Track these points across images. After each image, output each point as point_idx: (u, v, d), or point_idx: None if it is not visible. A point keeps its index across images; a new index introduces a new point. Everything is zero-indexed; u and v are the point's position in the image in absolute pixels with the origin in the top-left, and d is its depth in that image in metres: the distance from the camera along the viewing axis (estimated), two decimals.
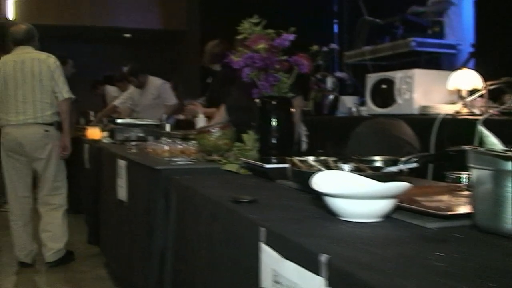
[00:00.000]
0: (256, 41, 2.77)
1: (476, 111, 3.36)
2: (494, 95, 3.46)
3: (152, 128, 4.79)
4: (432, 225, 1.23)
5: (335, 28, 7.39)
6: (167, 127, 4.86)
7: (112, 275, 3.95)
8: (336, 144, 4.07)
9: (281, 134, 2.60)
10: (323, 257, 0.95)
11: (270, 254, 1.19)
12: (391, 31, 4.99)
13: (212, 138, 2.77)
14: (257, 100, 2.69)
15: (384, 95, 4.10)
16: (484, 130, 1.19)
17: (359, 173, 1.50)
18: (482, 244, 1.09)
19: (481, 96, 3.42)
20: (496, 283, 0.82)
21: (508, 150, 1.12)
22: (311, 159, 1.81)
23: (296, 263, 1.06)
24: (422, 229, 1.21)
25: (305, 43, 2.77)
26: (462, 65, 4.15)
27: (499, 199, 1.09)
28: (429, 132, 3.34)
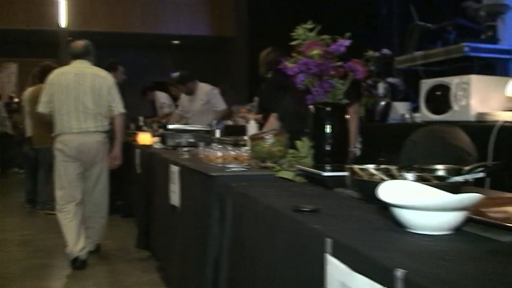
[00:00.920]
0: (311, 47, 2.75)
1: None
2: None
3: (203, 134, 4.81)
4: (507, 239, 1.17)
5: (386, 33, 7.29)
6: (217, 133, 4.87)
7: (165, 280, 3.97)
8: (389, 152, 3.99)
9: (336, 142, 2.57)
10: (399, 272, 0.92)
11: (337, 266, 1.16)
12: (443, 36, 4.89)
13: (266, 145, 2.76)
14: (311, 107, 2.67)
15: (439, 102, 4.00)
16: None
17: (425, 183, 1.45)
18: None
19: None
20: None
21: None
22: (372, 168, 1.77)
23: (367, 277, 1.02)
24: (496, 243, 1.16)
25: (357, 48, 2.73)
26: None
27: None
28: (487, 140, 3.24)
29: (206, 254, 2.48)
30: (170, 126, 4.99)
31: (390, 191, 1.30)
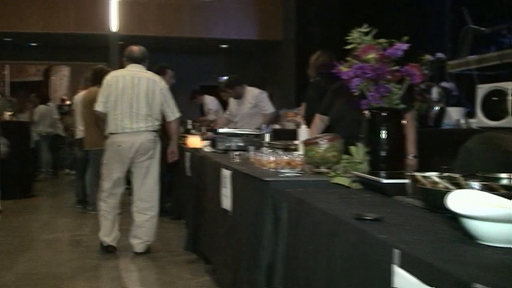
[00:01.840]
0: (366, 51, 2.71)
1: None
2: None
3: (252, 138, 4.80)
4: None
5: (438, 37, 7.16)
6: (267, 137, 4.85)
7: (216, 283, 3.97)
8: (442, 158, 3.90)
9: (392, 148, 2.52)
10: (479, 287, 0.88)
11: (407, 279, 1.12)
12: (497, 40, 4.76)
13: (320, 150, 2.72)
14: (366, 112, 2.62)
15: (496, 107, 3.90)
16: None
17: (493, 193, 1.40)
18: None
19: None
20: None
21: None
22: (435, 176, 1.71)
23: None
24: None
25: (409, 52, 2.67)
26: None
27: None
28: None
29: (259, 259, 2.46)
30: (220, 130, 5.00)
31: (460, 201, 1.26)
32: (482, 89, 4.05)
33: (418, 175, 1.73)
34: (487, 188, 1.59)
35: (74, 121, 7.52)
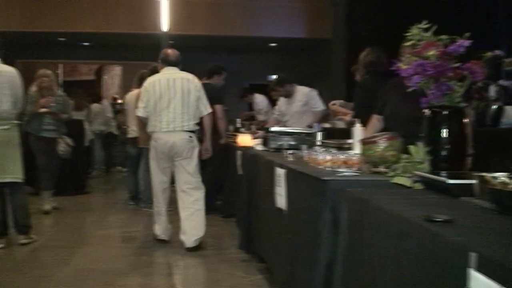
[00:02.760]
0: (427, 48, 2.65)
1: None
2: None
3: (304, 137, 4.77)
4: None
5: (493, 33, 6.98)
6: (319, 136, 4.81)
7: (269, 281, 3.97)
8: (501, 158, 3.79)
9: (454, 147, 2.45)
10: None
11: (485, 283, 1.09)
12: None
13: (379, 149, 2.68)
14: (426, 110, 2.56)
15: None
16: None
17: None
18: None
19: None
20: None
21: None
22: (505, 176, 1.66)
23: None
24: None
25: (469, 49, 2.60)
26: None
27: None
28: None
29: (317, 258, 2.44)
30: (272, 129, 4.99)
31: None
32: None
33: (487, 176, 1.68)
34: None
35: (126, 120, 7.64)
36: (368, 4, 10.36)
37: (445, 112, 2.49)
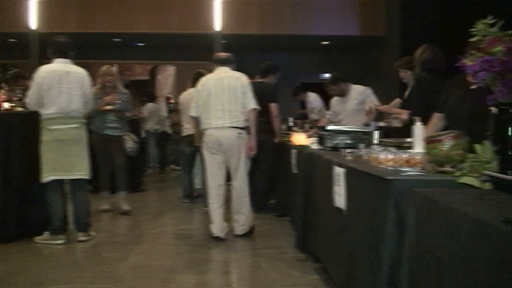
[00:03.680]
0: (492, 44, 2.57)
1: None
2: None
3: (360, 135, 4.71)
4: None
5: None
6: (376, 135, 4.74)
7: (326, 282, 3.94)
8: None
9: None
10: None
11: None
12: None
13: (445, 148, 2.61)
14: (493, 108, 2.48)
15: None
16: None
17: None
18: None
19: None
20: None
21: None
22: None
23: None
24: None
25: None
26: None
27: None
28: None
29: (381, 259, 2.40)
30: (328, 127, 4.94)
31: None
32: None
33: None
34: None
35: (180, 119, 7.72)
36: (423, 0, 10.17)
37: None
